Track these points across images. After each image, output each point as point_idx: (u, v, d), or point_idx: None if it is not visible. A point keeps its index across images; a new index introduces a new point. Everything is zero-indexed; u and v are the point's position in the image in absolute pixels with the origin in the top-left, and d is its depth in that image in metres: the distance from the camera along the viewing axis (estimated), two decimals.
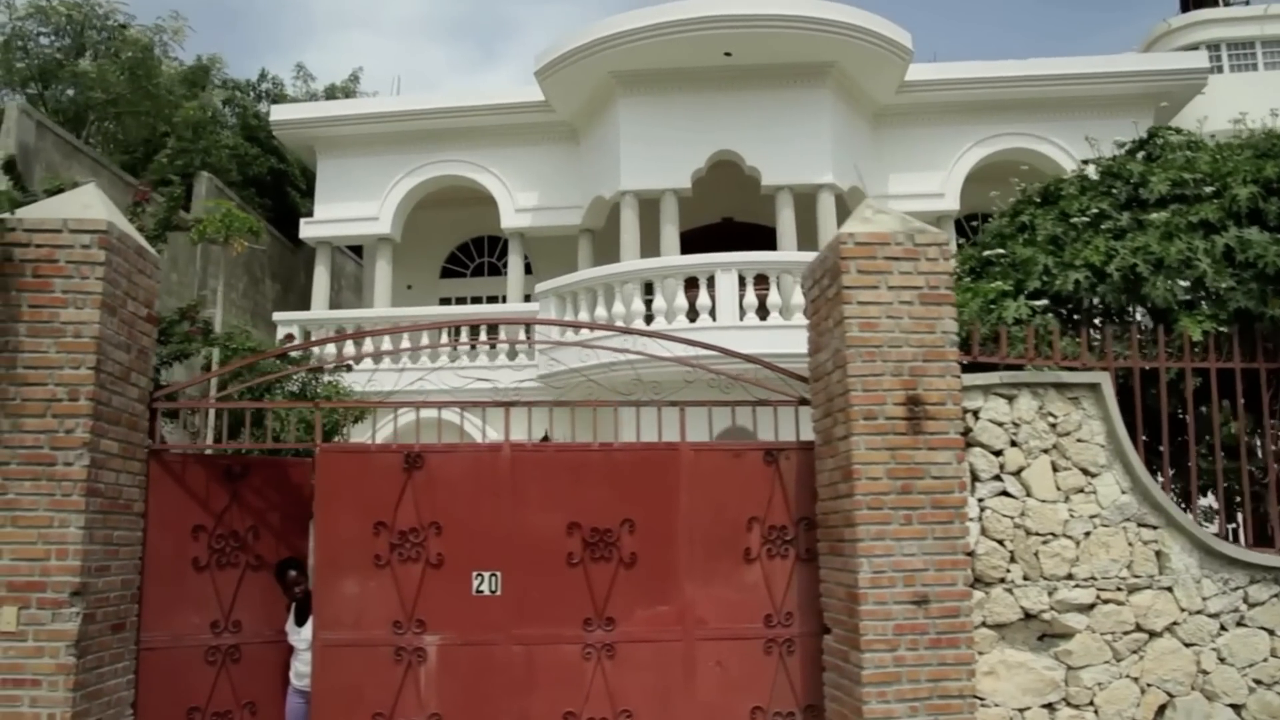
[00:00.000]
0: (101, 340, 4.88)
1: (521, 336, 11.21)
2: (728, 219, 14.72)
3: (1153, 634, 5.12)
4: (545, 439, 9.71)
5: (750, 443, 5.72)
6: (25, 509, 4.69)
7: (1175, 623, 5.14)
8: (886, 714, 4.77)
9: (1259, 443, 5.73)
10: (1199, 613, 5.16)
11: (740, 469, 5.66)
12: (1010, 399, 5.22)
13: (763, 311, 11.10)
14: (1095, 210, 5.98)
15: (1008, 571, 5.08)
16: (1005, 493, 5.16)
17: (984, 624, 5.02)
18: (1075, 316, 5.82)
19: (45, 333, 4.82)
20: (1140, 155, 6.61)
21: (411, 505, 5.50)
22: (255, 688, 5.62)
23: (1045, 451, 5.20)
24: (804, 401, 5.76)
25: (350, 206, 14.22)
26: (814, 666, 5.47)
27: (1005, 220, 6.84)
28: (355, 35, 62.00)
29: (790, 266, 11.14)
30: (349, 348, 10.46)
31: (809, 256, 11.58)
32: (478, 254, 16.95)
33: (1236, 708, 5.11)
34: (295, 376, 7.81)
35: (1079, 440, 5.21)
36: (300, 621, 5.60)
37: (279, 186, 15.28)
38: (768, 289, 11.21)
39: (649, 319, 11.21)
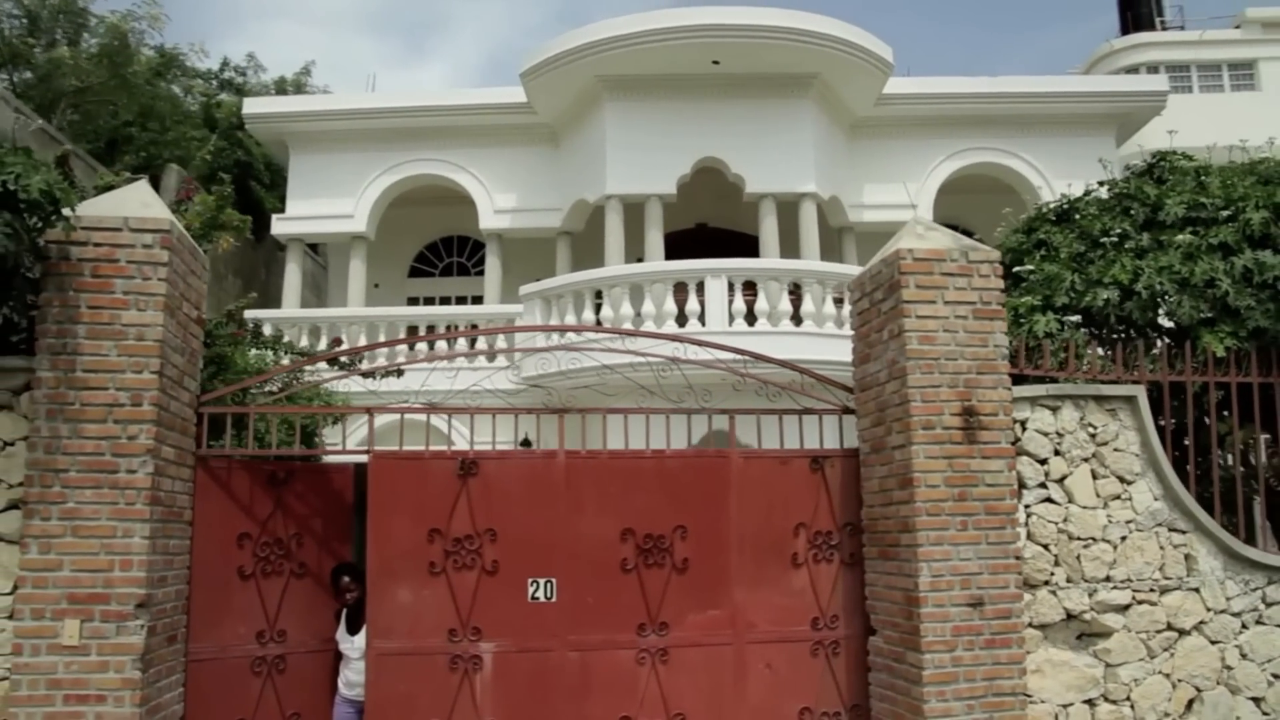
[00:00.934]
0: (163, 344, 4.76)
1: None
2: (702, 224, 14.89)
3: (1182, 632, 5.41)
4: (526, 443, 9.74)
5: (797, 450, 5.85)
6: (86, 518, 4.56)
7: (1202, 621, 5.43)
8: (945, 712, 4.94)
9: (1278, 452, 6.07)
10: (1223, 612, 5.47)
11: (787, 476, 5.78)
12: (1054, 410, 5.46)
13: (750, 318, 11.27)
14: (1119, 231, 6.25)
15: (1052, 574, 5.31)
16: (1050, 499, 5.39)
17: (1030, 624, 5.24)
18: (1101, 332, 6.07)
19: (106, 335, 4.69)
20: (1147, 177, 6.91)
21: (466, 512, 5.48)
22: (301, 698, 5.54)
23: (1086, 460, 5.45)
24: (848, 410, 5.91)
25: (324, 203, 13.96)
26: (859, 667, 5.62)
27: (1021, 237, 7.10)
28: (283, 26, 60.59)
29: (778, 273, 11.34)
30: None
31: (798, 264, 11.91)
32: (447, 254, 16.78)
33: (1257, 700, 5.44)
34: (276, 377, 7.67)
35: (1116, 449, 5.48)
36: (352, 629, 5.54)
37: (243, 180, 14.88)
38: (755, 295, 11.38)
39: (638, 322, 11.26)
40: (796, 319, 11.27)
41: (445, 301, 15.98)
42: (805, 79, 12.85)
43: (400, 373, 5.59)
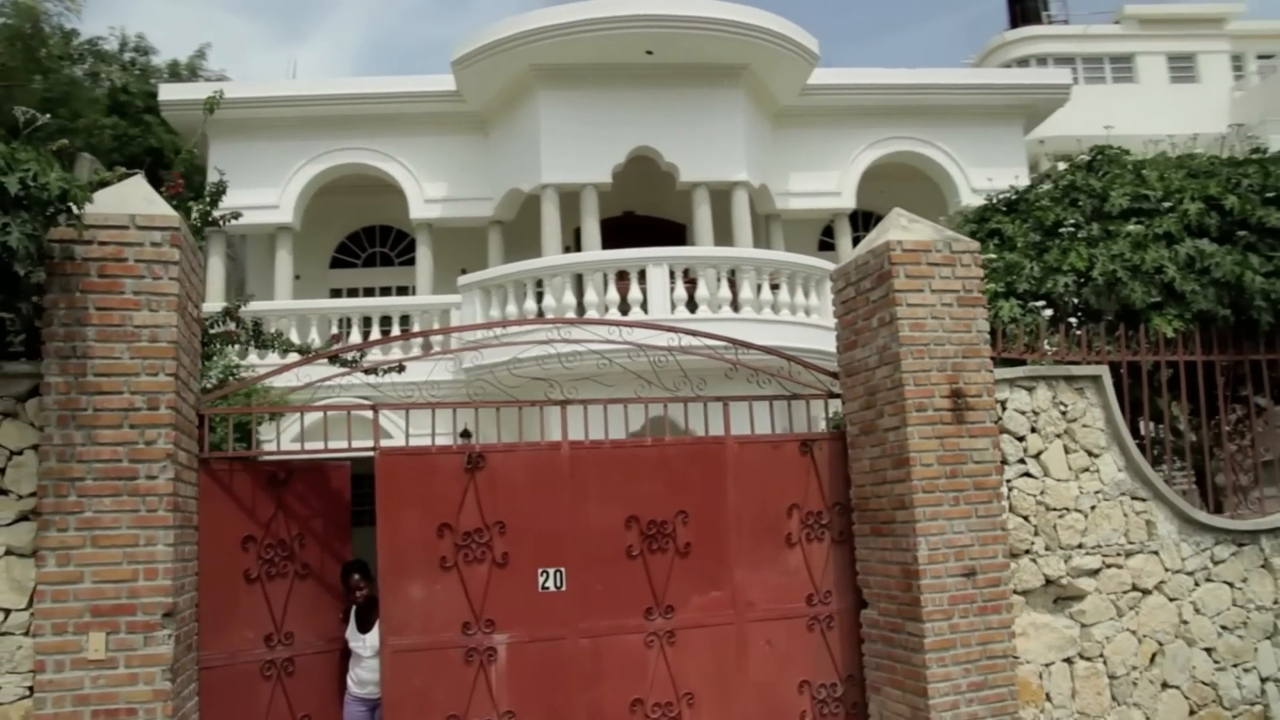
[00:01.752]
0: (177, 345, 4.65)
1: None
2: (629, 212, 15.02)
3: (1145, 592, 5.90)
4: (465, 435, 9.73)
5: (787, 435, 6.10)
6: (106, 527, 4.42)
7: (1162, 581, 5.94)
8: (945, 676, 5.27)
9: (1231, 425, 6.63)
10: (1179, 571, 5.98)
11: (779, 459, 6.02)
12: (1030, 390, 5.85)
13: (691, 305, 11.48)
14: (1072, 221, 6.70)
15: (1032, 543, 5.72)
16: (1028, 474, 5.79)
17: (1014, 591, 5.63)
18: (1059, 316, 6.50)
19: (117, 337, 4.54)
20: (1088, 171, 7.40)
21: (475, 506, 5.52)
22: (310, 700, 5.50)
23: (1058, 436, 5.87)
24: (833, 394, 6.18)
25: (247, 194, 13.45)
26: (852, 640, 5.92)
27: (974, 226, 7.51)
28: (151, 3, 57.54)
29: (717, 261, 11.59)
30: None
31: (737, 252, 12.18)
32: (369, 244, 16.45)
33: (1209, 650, 5.98)
34: (212, 372, 7.50)
35: (1084, 425, 5.92)
36: (363, 628, 5.52)
37: (153, 169, 14.22)
38: (695, 283, 11.61)
39: (581, 311, 11.35)
40: (735, 305, 11.54)
41: (369, 292, 15.68)
42: (736, 69, 13.13)
43: (402, 368, 5.57)
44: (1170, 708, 5.82)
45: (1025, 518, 5.73)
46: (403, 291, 15.52)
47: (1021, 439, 5.80)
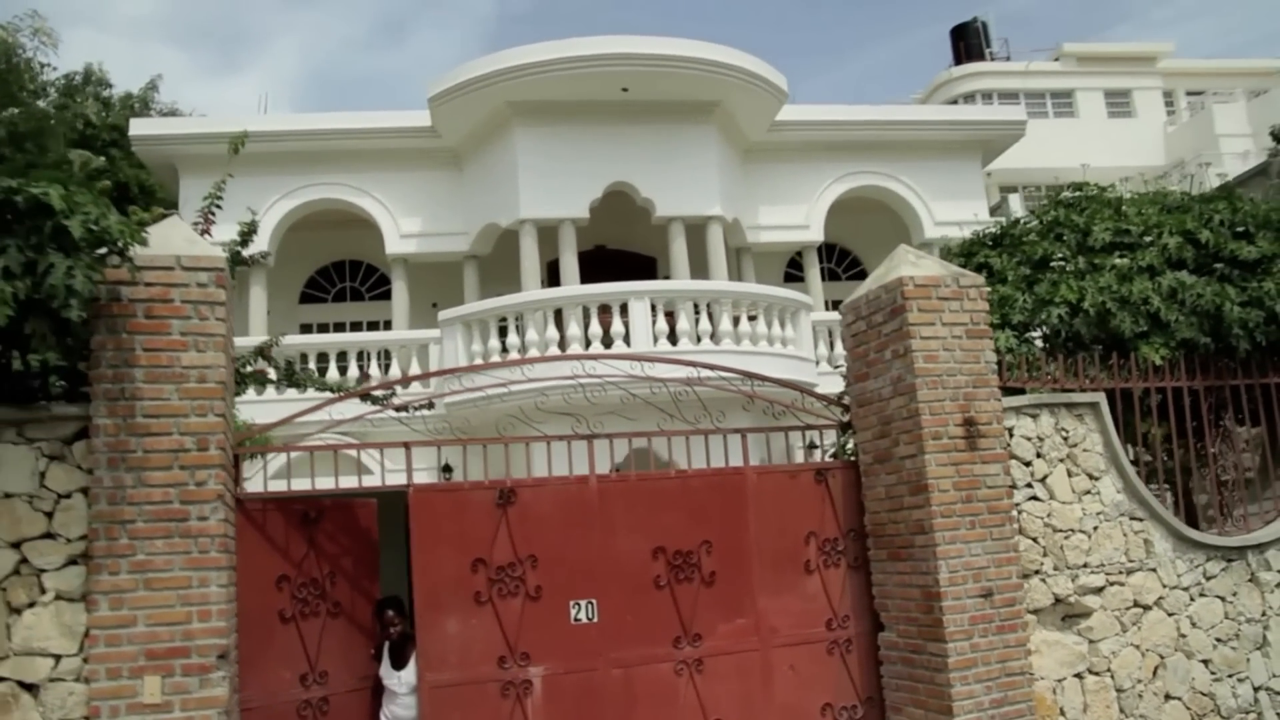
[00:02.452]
0: (224, 385, 4.68)
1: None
2: (600, 246, 15.20)
3: (1146, 608, 6.19)
4: (447, 470, 9.76)
5: (803, 465, 6.30)
6: (159, 569, 4.42)
7: (1161, 597, 6.24)
8: (969, 694, 5.48)
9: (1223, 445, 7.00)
10: (1176, 587, 6.29)
11: (796, 488, 6.21)
12: (1035, 417, 6.14)
13: (672, 338, 11.66)
14: (1060, 256, 7.05)
15: (1041, 564, 5.97)
16: (1035, 497, 6.06)
17: (1027, 610, 5.87)
18: (1051, 346, 6.83)
19: (165, 378, 4.56)
20: (1071, 208, 7.78)
21: (507, 540, 5.60)
22: None
23: (1061, 461, 6.15)
24: (846, 426, 6.40)
25: (219, 229, 13.32)
26: (870, 662, 6.10)
27: (962, 260, 7.83)
28: (81, 32, 56.50)
29: (697, 295, 11.83)
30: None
31: (718, 285, 12.42)
32: (339, 279, 16.36)
33: (1206, 662, 6.29)
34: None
35: (1084, 450, 6.21)
36: (397, 664, 5.53)
37: (119, 204, 13.94)
38: (675, 316, 11.81)
39: (564, 345, 11.46)
40: (715, 337, 11.75)
41: (340, 328, 15.57)
42: (709, 106, 13.45)
43: (431, 405, 5.64)
44: (1173, 718, 6.10)
45: (1034, 539, 5.99)
46: (374, 326, 15.46)
47: (1028, 464, 6.07)
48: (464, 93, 12.88)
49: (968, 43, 26.11)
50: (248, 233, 5.53)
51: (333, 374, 11.92)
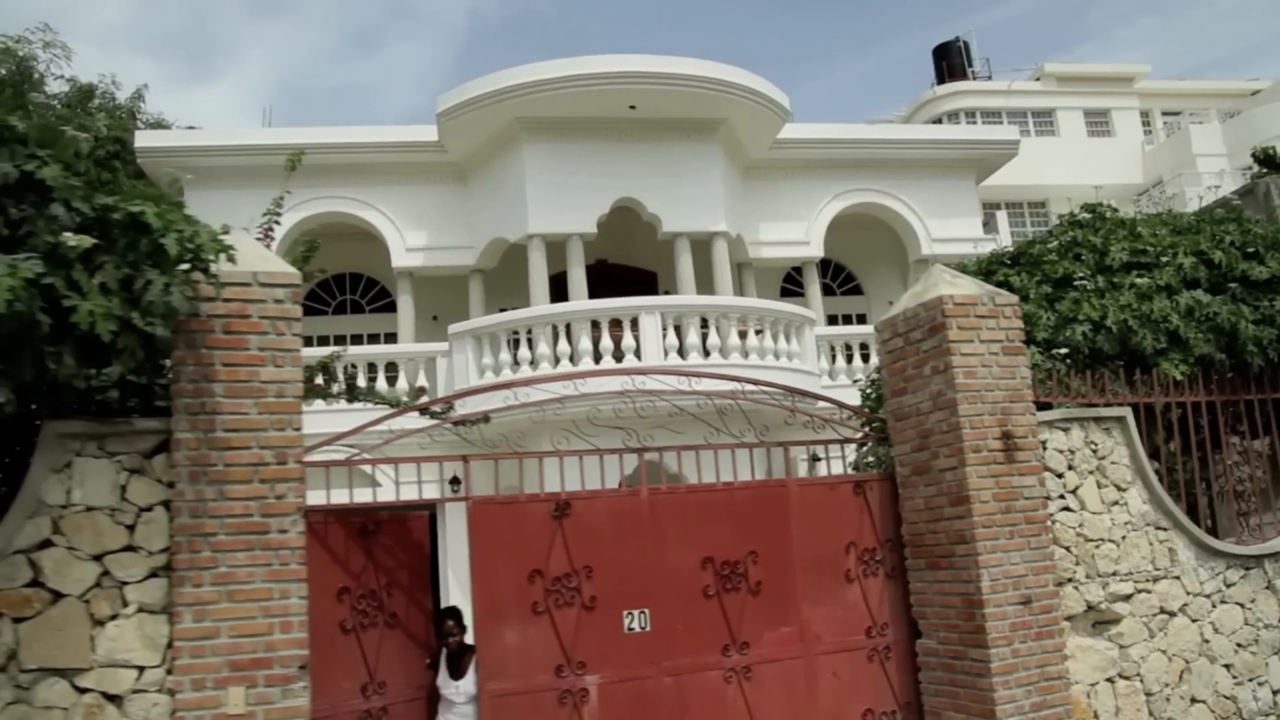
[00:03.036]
0: (300, 400, 4.77)
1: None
2: (601, 260, 15.35)
3: (1171, 614, 6.41)
4: (455, 482, 9.86)
5: (842, 476, 6.47)
6: (241, 582, 4.51)
7: (1185, 604, 6.47)
8: (1010, 698, 5.66)
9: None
10: (1199, 594, 6.52)
11: (836, 500, 6.37)
12: (1066, 430, 6.36)
13: (682, 352, 11.83)
14: (1081, 275, 7.30)
15: (1074, 572, 6.18)
16: (1067, 508, 6.27)
17: (1062, 616, 6.07)
18: (1074, 362, 7.06)
19: (244, 393, 4.66)
20: (1087, 228, 8.04)
21: (563, 551, 5.72)
22: None
23: (1091, 473, 6.37)
24: (882, 439, 6.58)
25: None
26: (908, 668, 6.26)
27: (982, 278, 8.05)
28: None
29: (707, 309, 12.00)
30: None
31: (728, 300, 12.61)
32: (339, 291, 16.37)
33: (1228, 666, 6.52)
34: None
35: (1112, 462, 6.44)
36: (455, 674, 5.62)
37: None
38: (684, 331, 11.98)
39: (575, 360, 11.57)
40: (723, 351, 11.92)
41: (340, 340, 15.54)
42: (714, 123, 13.68)
43: (487, 419, 5.75)
44: None
45: (1067, 548, 6.19)
46: (374, 339, 15.48)
47: (1060, 476, 6.28)
48: (473, 109, 13.01)
49: (950, 61, 26.65)
50: (310, 250, 5.62)
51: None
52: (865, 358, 13.84)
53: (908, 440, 6.34)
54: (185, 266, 4.43)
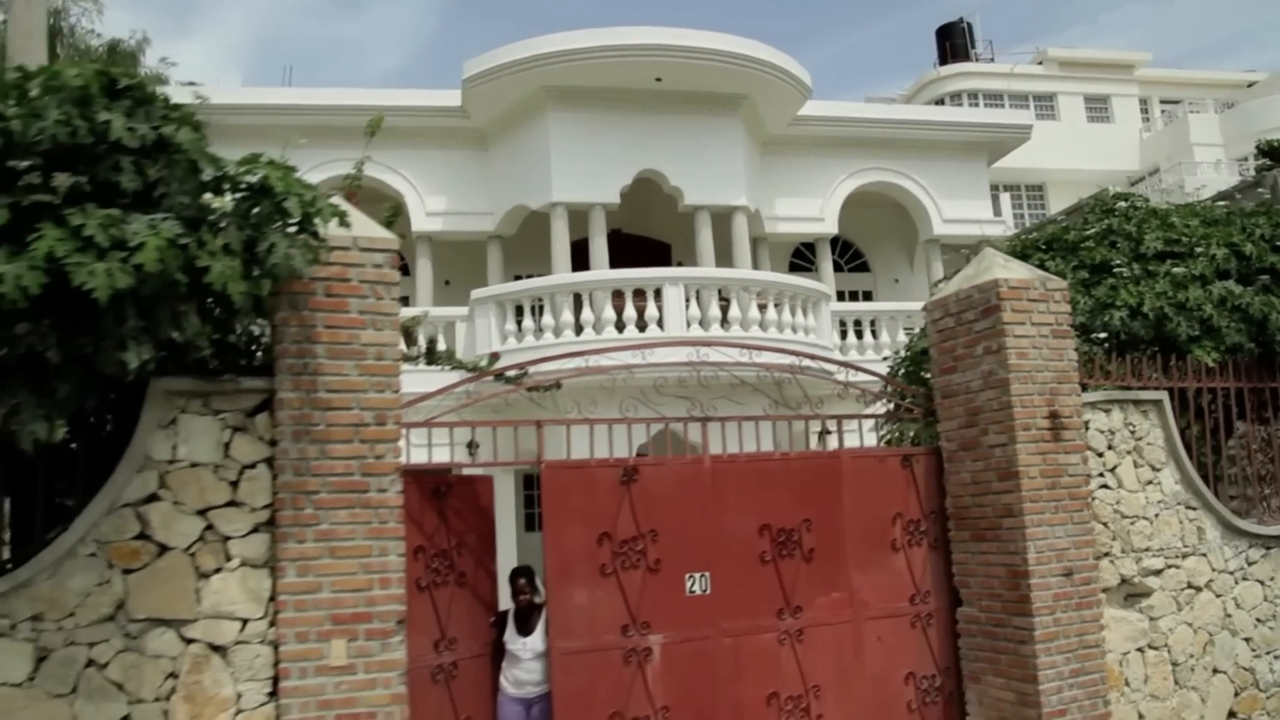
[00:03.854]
0: (398, 363, 4.91)
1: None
2: (616, 230, 15.44)
3: (1198, 589, 6.72)
4: (471, 446, 10.02)
5: (891, 450, 6.70)
6: (342, 539, 4.66)
7: (1210, 580, 6.78)
8: (1051, 665, 5.94)
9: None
10: (1223, 571, 6.84)
11: (884, 472, 6.60)
12: (1107, 412, 6.61)
13: (704, 323, 12.01)
14: (1118, 262, 7.54)
15: (1111, 547, 6.46)
16: (1105, 485, 6.53)
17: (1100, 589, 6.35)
18: (1109, 346, 7.31)
19: (345, 355, 4.78)
20: (1121, 216, 8.27)
21: (630, 515, 5.91)
22: (471, 702, 5.77)
23: (1129, 453, 6.64)
24: (930, 413, 6.81)
25: None
26: (948, 635, 6.54)
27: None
28: None
29: (729, 282, 12.18)
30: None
31: (752, 274, 12.77)
32: None
33: (1248, 640, 6.85)
34: None
35: (1149, 444, 6.71)
36: (523, 630, 5.82)
37: None
38: (705, 303, 12.14)
39: (599, 327, 11.72)
40: (744, 324, 12.12)
41: None
42: (737, 98, 13.79)
43: (559, 385, 5.90)
44: (1220, 690, 6.65)
45: (1104, 524, 6.46)
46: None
47: (1100, 455, 6.54)
48: (500, 75, 13.03)
49: (953, 42, 26.79)
50: (394, 214, 5.69)
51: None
52: (875, 333, 14.09)
53: (955, 417, 6.56)
54: (294, 229, 4.55)
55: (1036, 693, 5.86)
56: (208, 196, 3.96)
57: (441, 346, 6.01)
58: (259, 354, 4.93)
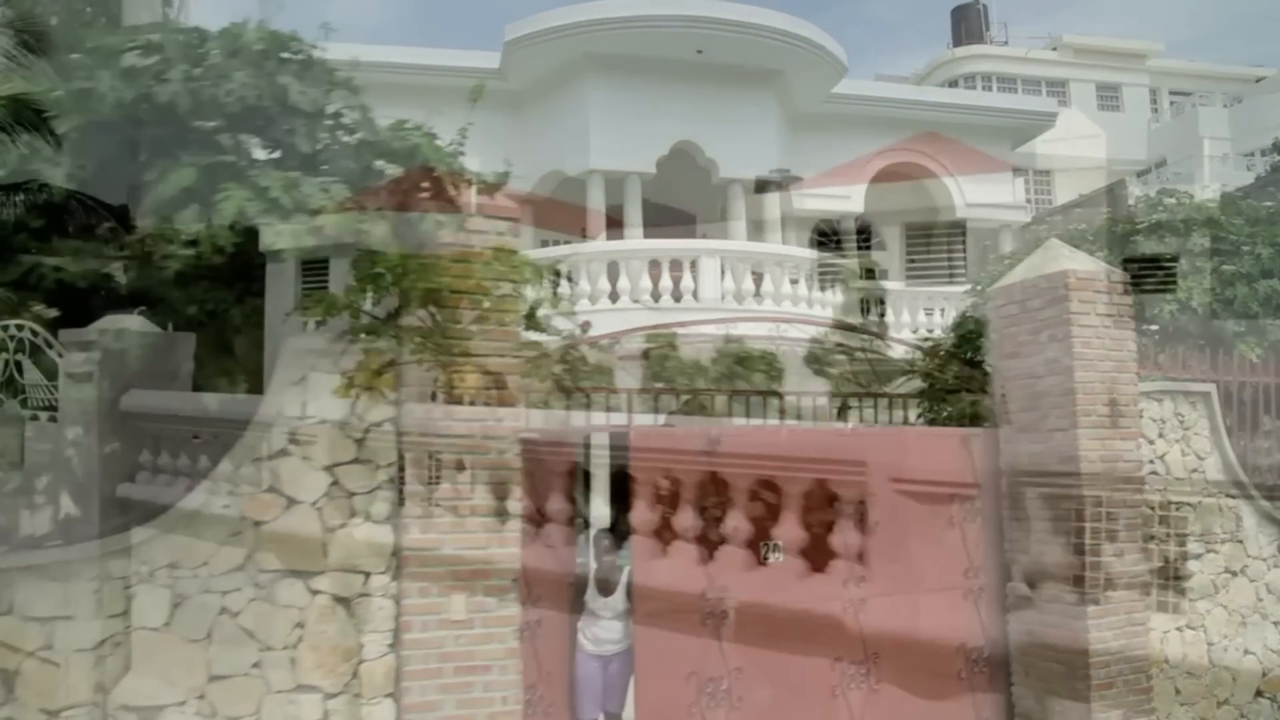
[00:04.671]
0: (518, 329, 5.09)
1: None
2: (644, 199, 15.57)
3: (1234, 574, 7.07)
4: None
5: (950, 429, 6.97)
6: (463, 498, 4.85)
7: (1245, 566, 7.13)
8: (1100, 640, 6.25)
9: None
10: (1257, 558, 7.19)
11: (944, 450, 6.87)
12: (1160, 401, 6.91)
13: (738, 296, 12.19)
14: (1168, 258, 7.81)
15: (1156, 530, 6.78)
16: (1154, 472, 6.85)
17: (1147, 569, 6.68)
18: (1159, 337, 7.60)
19: (469, 319, 4.93)
20: (1160, 209, 8.53)
21: (710, 482, 6.15)
22: (552, 658, 6.01)
23: (1177, 441, 6.95)
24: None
25: None
26: (997, 608, 6.85)
27: None
28: None
29: (761, 258, 12.37)
30: None
31: (786, 250, 12.96)
32: None
33: (1276, 624, 7.23)
34: None
35: (1195, 433, 7.02)
36: (603, 590, 6.06)
37: None
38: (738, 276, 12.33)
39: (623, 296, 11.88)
40: (776, 299, 12.32)
41: None
42: (774, 74, 13.89)
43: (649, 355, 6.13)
44: (1250, 670, 7.03)
45: (1152, 509, 6.78)
46: None
47: (1152, 443, 6.85)
48: (543, 40, 13.06)
49: (968, 24, 26.85)
50: (501, 179, 5.80)
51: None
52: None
53: (1015, 400, 6.83)
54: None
55: (1086, 664, 6.19)
56: (382, 162, 4.10)
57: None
58: (385, 316, 5.07)
